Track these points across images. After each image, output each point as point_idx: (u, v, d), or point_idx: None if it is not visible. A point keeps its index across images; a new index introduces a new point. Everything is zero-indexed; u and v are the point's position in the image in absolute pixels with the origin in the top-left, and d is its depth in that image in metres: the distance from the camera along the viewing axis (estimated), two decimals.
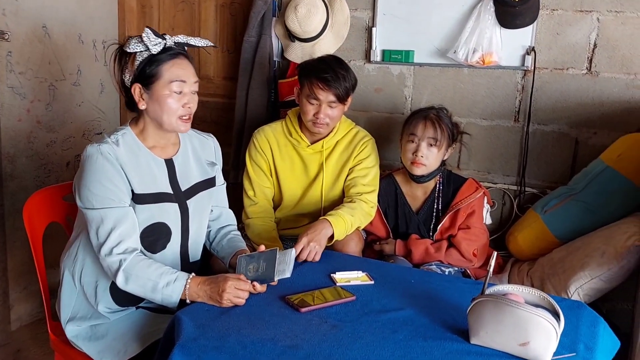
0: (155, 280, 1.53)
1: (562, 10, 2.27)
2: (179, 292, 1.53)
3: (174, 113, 1.63)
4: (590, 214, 2.08)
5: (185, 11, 3.04)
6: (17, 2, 2.53)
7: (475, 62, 2.33)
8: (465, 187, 2.15)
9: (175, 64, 1.62)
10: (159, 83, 1.60)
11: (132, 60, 1.62)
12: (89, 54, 2.93)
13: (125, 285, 1.54)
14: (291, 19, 2.53)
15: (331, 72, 2.05)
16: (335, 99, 2.07)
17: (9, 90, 2.54)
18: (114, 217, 1.55)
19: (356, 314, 1.47)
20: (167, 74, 1.60)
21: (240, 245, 1.83)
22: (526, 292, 1.33)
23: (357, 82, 2.17)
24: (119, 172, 1.57)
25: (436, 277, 1.83)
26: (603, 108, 2.26)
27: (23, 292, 2.73)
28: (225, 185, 1.94)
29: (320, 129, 2.12)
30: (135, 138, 1.66)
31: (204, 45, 1.72)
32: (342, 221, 1.98)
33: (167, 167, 1.70)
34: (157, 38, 1.61)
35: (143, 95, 1.63)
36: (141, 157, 1.65)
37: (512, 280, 2.15)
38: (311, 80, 2.07)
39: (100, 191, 1.55)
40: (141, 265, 1.54)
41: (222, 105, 3.03)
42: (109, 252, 1.54)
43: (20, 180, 2.65)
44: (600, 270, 1.84)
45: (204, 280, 1.54)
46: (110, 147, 1.58)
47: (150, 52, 1.59)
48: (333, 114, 2.10)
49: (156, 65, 1.60)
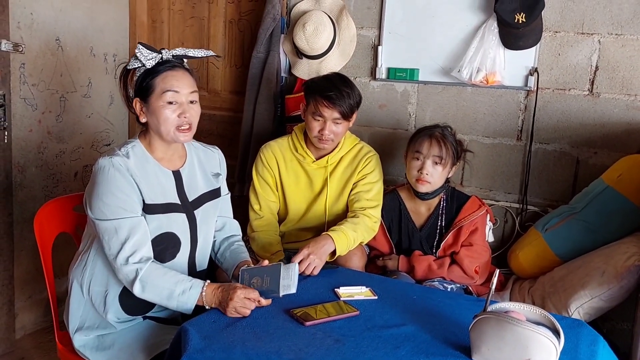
0: (171, 288, 1.57)
1: (564, 32, 2.31)
2: (194, 299, 1.57)
3: (171, 124, 1.66)
4: (590, 233, 2.10)
5: (194, 26, 3.10)
6: (31, 15, 2.59)
7: (479, 82, 2.37)
8: (468, 205, 2.18)
9: (168, 75, 1.65)
10: (153, 95, 1.65)
11: (132, 76, 1.69)
12: (100, 66, 2.99)
13: (142, 294, 1.58)
14: (299, 37, 2.58)
15: (335, 90, 2.10)
16: (340, 116, 2.11)
17: (21, 102, 2.59)
18: (127, 227, 1.59)
19: (359, 328, 1.49)
20: (160, 85, 1.64)
21: (243, 257, 1.86)
22: (527, 310, 1.35)
23: (361, 99, 2.21)
24: (130, 182, 1.61)
25: (439, 293, 1.86)
26: (604, 128, 2.30)
27: (28, 301, 2.76)
28: (229, 195, 1.97)
29: (325, 144, 2.16)
30: (144, 150, 1.71)
31: (204, 56, 1.76)
32: (345, 237, 2.01)
33: (174, 178, 1.74)
34: (152, 52, 1.65)
35: (143, 109, 1.68)
36: (150, 169, 1.68)
37: (513, 298, 2.17)
38: (316, 98, 2.12)
39: (112, 202, 1.59)
40: (157, 273, 1.58)
41: (229, 118, 3.07)
42: (124, 261, 1.57)
43: (29, 190, 2.68)
44: (601, 289, 1.86)
45: (217, 286, 1.58)
46: (121, 159, 1.63)
47: (145, 66, 1.65)
48: (337, 131, 2.14)
49: (150, 78, 1.65)
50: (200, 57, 1.75)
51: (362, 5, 2.64)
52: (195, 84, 1.72)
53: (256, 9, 2.89)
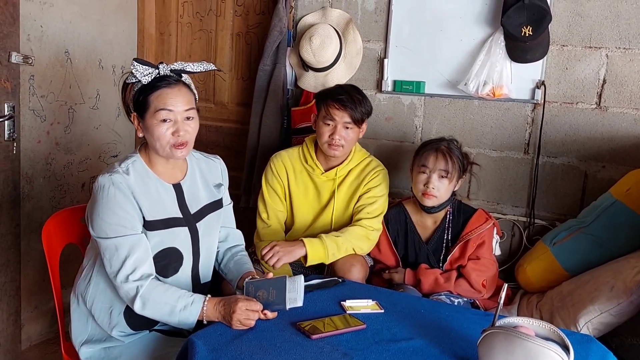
0: (172, 304, 1.56)
1: (571, 46, 2.32)
2: (196, 314, 1.56)
3: (166, 141, 1.64)
4: (599, 247, 2.09)
5: (202, 39, 3.12)
6: (41, 28, 2.61)
7: (486, 95, 2.38)
8: (475, 218, 2.17)
9: (163, 93, 1.63)
10: (148, 112, 1.64)
11: (130, 90, 1.68)
12: (108, 78, 3.01)
13: (142, 311, 1.57)
14: (305, 49, 2.60)
15: (347, 95, 2.14)
16: (350, 119, 2.13)
17: (30, 113, 2.61)
18: (127, 245, 1.58)
19: (367, 342, 1.48)
20: (154, 103, 1.62)
21: (247, 268, 1.85)
22: (536, 324, 1.34)
23: (372, 110, 2.24)
24: (130, 200, 1.60)
25: (446, 307, 1.85)
26: (612, 142, 2.29)
27: (34, 312, 2.76)
28: (232, 204, 1.97)
29: (336, 151, 2.16)
30: (145, 165, 1.70)
31: (203, 70, 1.74)
32: (320, 243, 2.04)
33: (175, 191, 1.73)
34: (148, 68, 1.64)
35: (140, 124, 1.68)
36: (150, 184, 1.68)
37: (521, 312, 2.15)
38: (327, 102, 2.16)
39: (113, 220, 1.58)
40: (157, 290, 1.58)
41: (236, 130, 3.08)
42: (125, 279, 1.57)
43: (37, 201, 2.70)
44: (610, 304, 1.85)
45: (219, 301, 1.57)
46: (121, 176, 1.61)
47: (141, 82, 1.63)
48: (348, 136, 2.15)
49: (145, 95, 1.63)
50: (199, 72, 1.73)
51: (368, 19, 2.66)
52: (193, 99, 1.70)
53: (263, 22, 2.91)
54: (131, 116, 1.70)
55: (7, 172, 2.43)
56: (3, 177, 2.41)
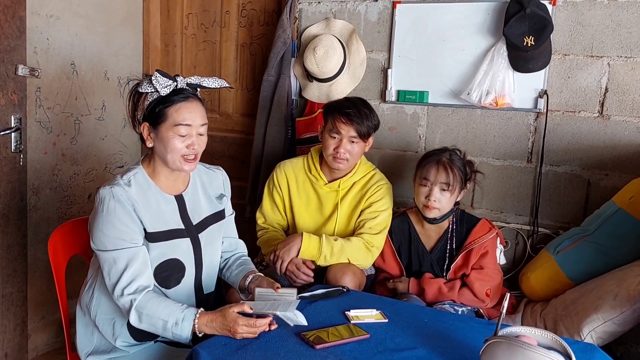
0: (164, 320, 1.55)
1: (573, 55, 2.33)
2: (187, 331, 1.55)
3: (178, 152, 1.66)
4: (602, 255, 2.09)
5: (206, 50, 3.15)
6: (48, 40, 2.65)
7: (489, 104, 2.39)
8: (478, 227, 2.17)
9: (182, 107, 1.64)
10: (165, 125, 1.64)
11: (143, 99, 1.67)
12: (114, 90, 3.04)
13: (138, 324, 1.58)
14: (309, 60, 2.62)
15: (354, 108, 2.15)
16: (356, 134, 2.14)
17: (37, 124, 2.64)
18: (125, 258, 1.59)
19: (371, 352, 1.49)
20: (173, 116, 1.63)
21: (249, 268, 1.86)
22: (539, 334, 1.35)
23: (379, 124, 2.25)
24: (130, 213, 1.61)
25: (449, 316, 1.85)
26: (615, 150, 2.29)
27: (41, 322, 2.78)
28: (234, 215, 1.98)
29: (340, 164, 2.17)
30: (147, 177, 1.71)
31: (218, 87, 1.75)
32: (317, 241, 2.10)
33: (177, 203, 1.75)
34: (168, 80, 1.64)
35: (151, 134, 1.67)
36: (151, 196, 1.69)
37: (525, 321, 2.15)
38: (334, 115, 2.16)
39: (112, 233, 1.59)
40: (151, 304, 1.57)
41: (240, 140, 3.10)
42: (120, 293, 1.58)
43: (43, 212, 2.72)
44: (613, 313, 1.84)
45: (211, 318, 1.54)
46: (121, 189, 1.62)
47: (159, 94, 1.64)
48: (353, 150, 2.16)
49: (164, 107, 1.63)
50: (214, 87, 1.74)
51: (372, 29, 2.68)
52: (205, 114, 1.72)
53: (267, 33, 2.94)
54: (140, 126, 1.69)
55: (14, 183, 2.45)
56: (10, 189, 2.44)
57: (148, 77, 1.66)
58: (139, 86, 1.67)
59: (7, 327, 2.50)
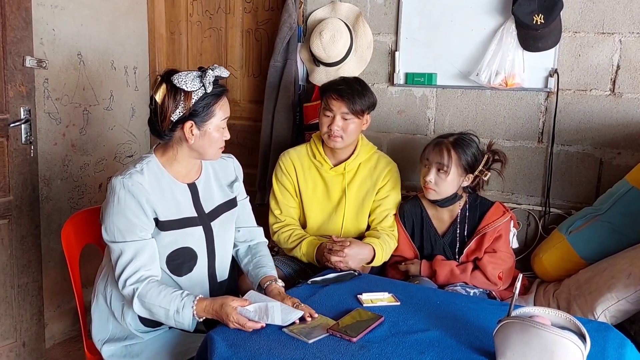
0: (166, 308, 1.57)
1: (584, 32, 2.29)
2: (188, 318, 1.56)
3: (219, 145, 1.73)
4: (615, 234, 2.08)
5: (212, 37, 3.14)
6: (54, 31, 2.65)
7: (498, 85, 2.36)
8: (492, 211, 2.16)
9: (224, 102, 1.69)
10: (212, 121, 1.66)
11: (188, 98, 1.61)
12: (121, 79, 3.04)
13: (142, 313, 1.60)
14: (316, 44, 2.60)
15: (346, 85, 2.16)
16: (348, 110, 2.13)
17: (46, 116, 2.65)
18: (132, 250, 1.60)
19: (384, 334, 1.49)
20: (219, 112, 1.68)
21: (264, 272, 1.83)
22: (552, 314, 1.34)
23: (375, 102, 2.24)
24: (141, 203, 1.61)
25: (461, 298, 1.85)
26: (627, 129, 2.27)
27: (57, 311, 2.81)
28: (247, 199, 1.98)
29: (335, 141, 2.17)
30: (160, 166, 1.71)
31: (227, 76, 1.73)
32: (381, 248, 2.14)
33: (190, 191, 1.75)
34: (213, 74, 1.62)
35: (193, 131, 1.65)
36: (165, 185, 1.69)
37: (537, 302, 2.14)
38: (327, 94, 2.18)
39: (122, 224, 1.61)
40: (152, 292, 1.58)
41: (248, 127, 3.10)
42: (124, 283, 1.60)
43: (55, 202, 2.74)
44: (627, 291, 1.84)
45: (208, 303, 1.55)
46: (133, 178, 1.61)
47: (205, 90, 1.62)
48: (347, 127, 2.15)
49: (211, 104, 1.65)
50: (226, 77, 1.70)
51: (378, 12, 2.65)
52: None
53: (273, 18, 2.92)
54: (182, 125, 1.63)
55: (26, 174, 2.47)
56: (22, 180, 2.46)
57: (186, 72, 1.61)
58: (181, 83, 1.59)
59: (24, 317, 2.53)
